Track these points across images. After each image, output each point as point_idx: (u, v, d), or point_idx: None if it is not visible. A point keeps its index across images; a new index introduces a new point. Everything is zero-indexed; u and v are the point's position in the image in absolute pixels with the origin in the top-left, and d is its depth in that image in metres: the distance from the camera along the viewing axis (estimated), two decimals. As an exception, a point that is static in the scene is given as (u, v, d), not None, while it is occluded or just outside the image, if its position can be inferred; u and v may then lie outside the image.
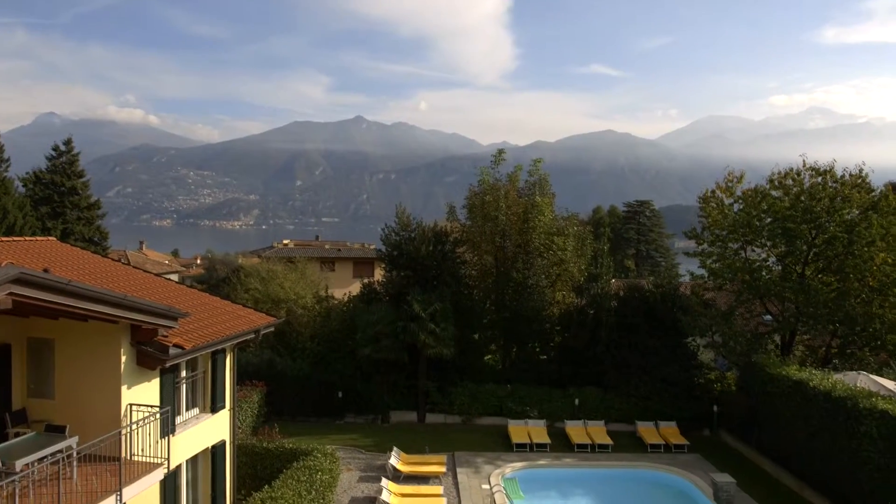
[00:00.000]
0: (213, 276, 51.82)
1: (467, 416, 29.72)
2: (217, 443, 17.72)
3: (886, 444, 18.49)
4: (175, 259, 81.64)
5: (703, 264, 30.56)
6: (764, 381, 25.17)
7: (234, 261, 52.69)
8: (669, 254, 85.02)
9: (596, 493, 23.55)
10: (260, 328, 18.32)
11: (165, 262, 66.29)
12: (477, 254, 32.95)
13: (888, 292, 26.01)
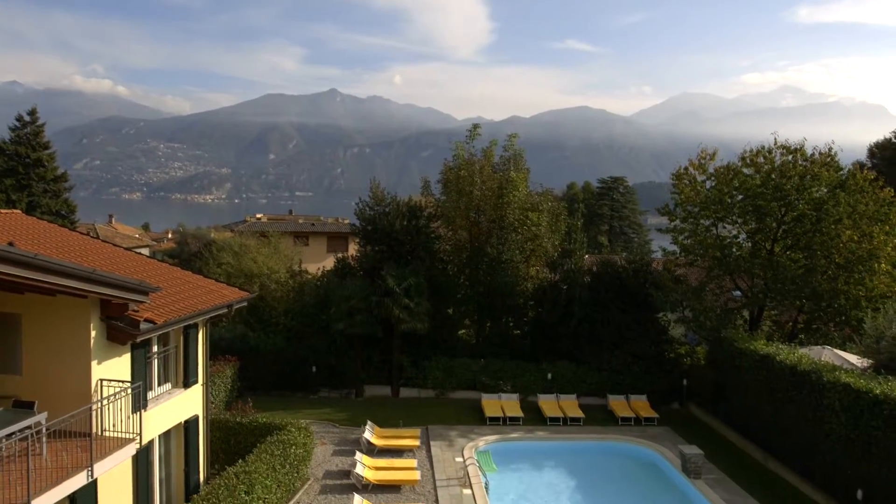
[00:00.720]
0: (184, 251, 51.22)
1: (441, 390, 29.92)
2: (190, 418, 17.63)
3: (848, 416, 19.01)
4: (145, 233, 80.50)
5: (676, 240, 30.94)
6: (732, 355, 25.67)
7: (207, 235, 52.14)
8: (642, 230, 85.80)
9: (567, 465, 23.95)
10: (233, 303, 18.16)
11: (136, 236, 65.33)
12: (451, 229, 32.93)
13: (853, 269, 26.58)
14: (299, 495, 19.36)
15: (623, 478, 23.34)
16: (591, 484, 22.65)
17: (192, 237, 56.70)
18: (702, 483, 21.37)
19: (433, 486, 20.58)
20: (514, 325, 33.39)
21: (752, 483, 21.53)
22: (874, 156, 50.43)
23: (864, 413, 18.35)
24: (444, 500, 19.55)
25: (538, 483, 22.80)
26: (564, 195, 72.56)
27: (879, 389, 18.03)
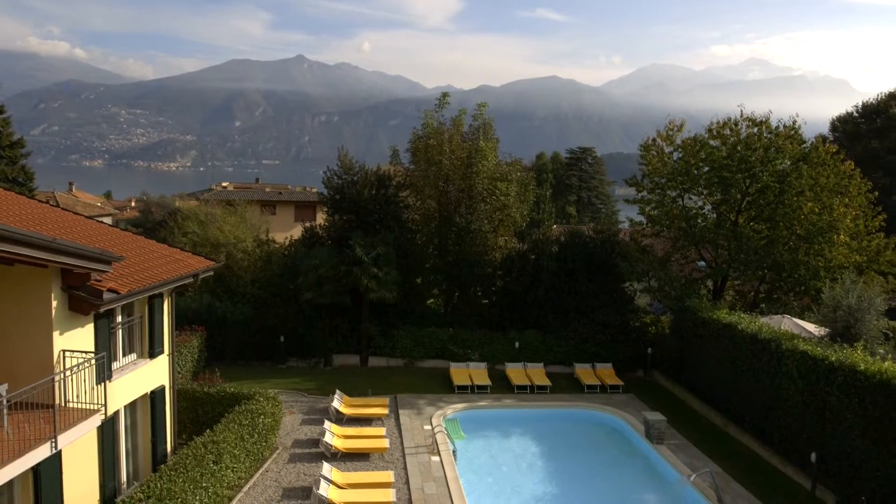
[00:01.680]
0: (148, 220, 50.31)
1: (410, 359, 30.08)
2: (156, 388, 17.48)
3: (805, 383, 19.60)
4: (108, 201, 78.80)
5: (642, 211, 31.26)
6: (696, 324, 26.20)
7: (171, 203, 51.23)
8: (610, 201, 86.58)
9: (534, 432, 24.35)
10: (199, 272, 17.92)
11: (97, 204, 63.89)
12: (420, 198, 32.81)
13: (813, 240, 27.19)
14: (268, 464, 19.41)
15: (588, 444, 23.83)
16: (557, 450, 23.08)
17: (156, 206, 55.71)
18: (664, 448, 21.93)
19: (402, 453, 20.78)
20: (483, 295, 33.58)
21: (713, 447, 22.15)
22: (836, 130, 51.42)
23: (820, 379, 18.94)
24: (412, 468, 19.77)
25: (506, 450, 23.17)
26: (533, 165, 72.71)
27: (835, 357, 18.59)
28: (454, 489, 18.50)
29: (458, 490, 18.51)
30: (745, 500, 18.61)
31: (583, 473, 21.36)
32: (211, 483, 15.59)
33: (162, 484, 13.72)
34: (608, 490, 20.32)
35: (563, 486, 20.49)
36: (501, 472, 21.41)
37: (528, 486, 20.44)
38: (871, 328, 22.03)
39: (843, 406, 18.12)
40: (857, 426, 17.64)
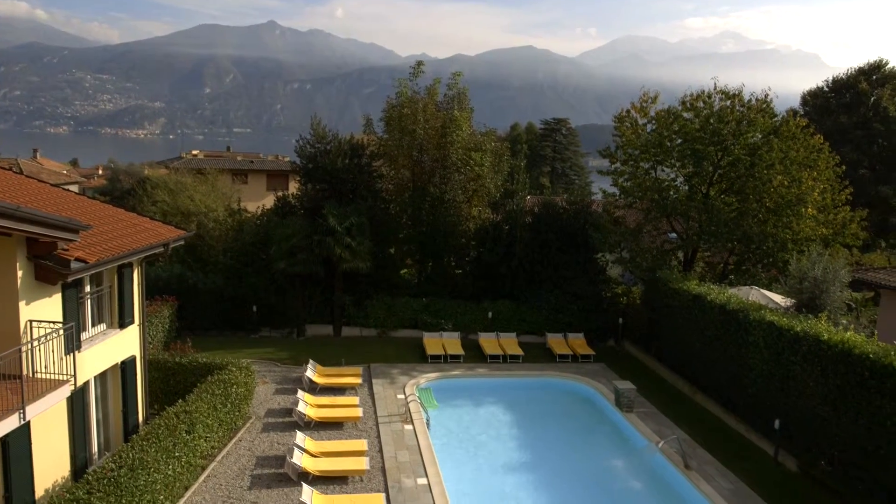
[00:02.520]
0: (116, 188, 49.34)
1: (383, 329, 30.14)
2: (127, 358, 17.32)
3: (770, 352, 20.06)
4: (74, 169, 77.09)
5: (615, 182, 31.42)
6: (666, 294, 26.57)
7: (140, 172, 50.25)
8: (583, 172, 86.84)
9: (507, 401, 24.66)
10: (169, 241, 17.67)
11: (63, 172, 62.43)
12: (394, 168, 32.60)
13: (782, 213, 27.60)
14: (241, 434, 19.42)
15: (560, 412, 24.21)
16: (529, 418, 23.41)
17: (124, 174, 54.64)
18: (633, 416, 22.37)
19: (375, 422, 20.93)
20: (456, 265, 33.66)
21: (680, 415, 22.65)
22: (806, 104, 51.97)
23: (785, 349, 19.39)
24: (385, 436, 19.93)
25: (478, 418, 23.45)
26: (508, 136, 72.60)
27: (800, 327, 19.02)
28: (427, 457, 18.71)
29: (432, 458, 18.73)
30: (710, 465, 19.10)
31: (554, 441, 21.72)
32: (184, 452, 15.57)
33: (134, 454, 13.67)
34: (579, 457, 20.72)
35: (535, 453, 20.84)
36: (474, 440, 21.68)
37: (501, 454, 20.76)
38: (835, 299, 22.54)
39: (806, 374, 18.60)
40: (819, 394, 18.13)
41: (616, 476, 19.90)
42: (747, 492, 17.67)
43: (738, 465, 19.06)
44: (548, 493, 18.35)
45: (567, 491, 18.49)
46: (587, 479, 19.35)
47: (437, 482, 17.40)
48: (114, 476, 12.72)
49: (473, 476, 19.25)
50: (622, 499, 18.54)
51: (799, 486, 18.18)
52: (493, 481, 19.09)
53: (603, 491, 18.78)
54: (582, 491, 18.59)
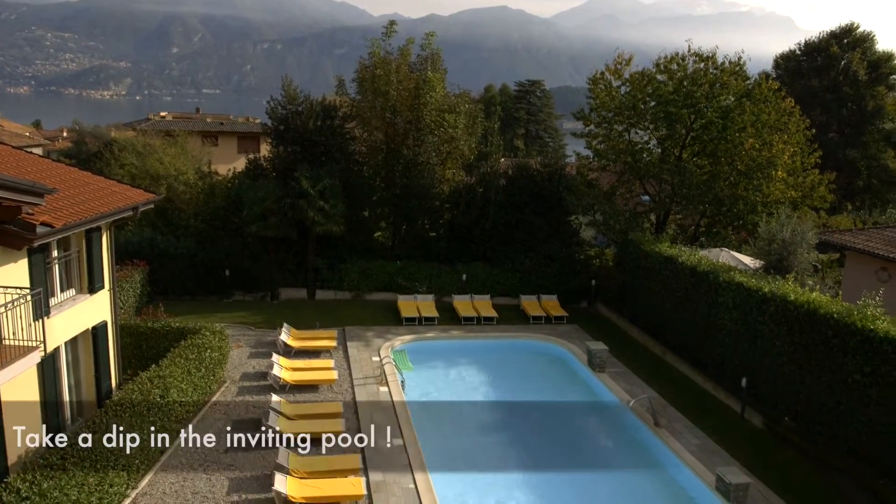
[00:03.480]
0: (82, 151, 48.05)
1: (357, 292, 30.13)
2: (98, 324, 17.12)
3: (739, 313, 20.48)
4: (37, 131, 74.89)
5: (589, 145, 31.48)
6: (638, 257, 26.88)
7: (106, 134, 48.96)
8: (558, 134, 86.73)
9: (481, 362, 24.93)
10: (138, 205, 17.37)
11: (26, 133, 60.73)
12: (367, 130, 32.22)
13: (752, 176, 27.94)
14: (216, 397, 19.43)
15: (533, 372, 24.56)
16: (502, 378, 23.72)
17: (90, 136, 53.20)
18: (605, 376, 22.79)
19: (350, 384, 21.06)
20: (430, 228, 33.61)
21: (651, 375, 23.11)
22: (779, 67, 52.20)
23: (753, 309, 19.80)
24: (361, 398, 20.08)
25: (453, 379, 23.71)
26: (482, 97, 72.00)
27: (768, 288, 19.41)
28: (402, 418, 18.92)
29: (407, 419, 18.94)
30: (679, 422, 19.60)
31: (528, 401, 22.02)
32: (158, 417, 15.54)
33: (108, 419, 13.61)
34: (552, 416, 21.06)
35: (509, 412, 21.14)
36: (449, 400, 21.92)
37: (476, 413, 21.03)
38: (802, 260, 23.02)
39: (773, 334, 19.05)
40: (785, 353, 18.61)
41: (588, 434, 20.33)
42: (714, 447, 18.20)
43: (705, 422, 19.57)
44: (520, 451, 18.70)
45: (540, 448, 18.86)
46: (561, 437, 19.74)
47: (412, 442, 17.64)
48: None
49: (448, 435, 19.51)
50: (594, 456, 18.98)
51: (763, 440, 18.76)
52: (467, 440, 19.39)
53: (576, 448, 19.20)
54: (555, 448, 18.97)
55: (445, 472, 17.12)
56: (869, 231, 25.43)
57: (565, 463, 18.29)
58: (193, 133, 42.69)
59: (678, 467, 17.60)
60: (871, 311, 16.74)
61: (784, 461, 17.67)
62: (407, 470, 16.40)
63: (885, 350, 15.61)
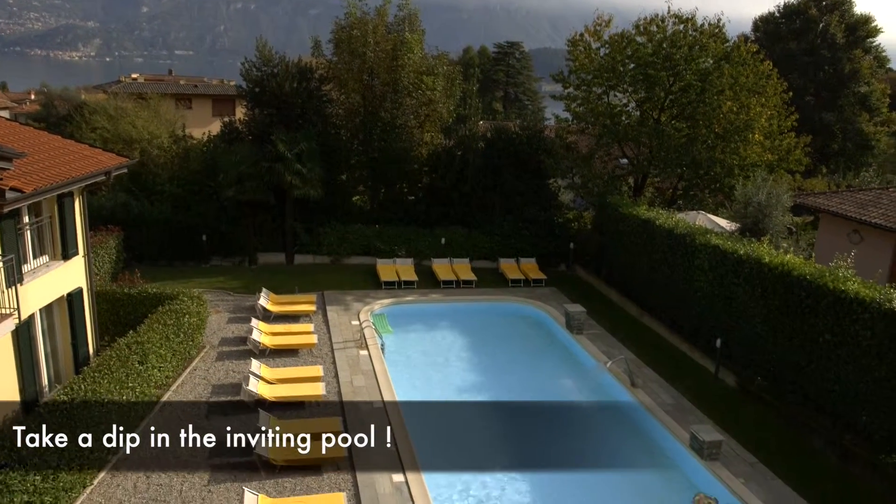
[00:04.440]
0: (51, 114, 46.90)
1: (336, 256, 30.05)
2: (73, 290, 16.93)
3: (714, 275, 20.75)
4: (3, 94, 72.96)
5: (568, 108, 31.36)
6: (616, 219, 27.03)
7: (76, 96, 47.80)
8: (536, 97, 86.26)
9: (460, 325, 25.09)
10: (111, 169, 17.05)
11: (-8, 95, 59.07)
12: (344, 92, 31.77)
13: (730, 139, 28.07)
14: (196, 363, 19.40)
15: (512, 335, 24.80)
16: (482, 341, 23.93)
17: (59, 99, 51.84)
18: (583, 338, 23.09)
19: (330, 348, 21.12)
20: (409, 191, 33.45)
21: (628, 336, 23.45)
22: (757, 29, 52.12)
23: (728, 272, 20.07)
24: (341, 362, 20.17)
25: (432, 342, 23.86)
26: (460, 59, 71.20)
27: (743, 251, 19.66)
28: (383, 381, 19.07)
29: (387, 382, 19.10)
30: (655, 382, 19.97)
31: (506, 362, 22.32)
32: (137, 383, 15.53)
33: (86, 385, 13.57)
34: (530, 377, 21.36)
35: (488, 374, 21.40)
36: (429, 363, 22.12)
37: (455, 376, 21.26)
38: (777, 223, 23.31)
39: (747, 296, 19.36)
40: (759, 314, 18.95)
41: (567, 394, 20.65)
42: (688, 406, 18.61)
43: (680, 382, 19.97)
44: (499, 413, 18.94)
45: (517, 409, 19.12)
46: (537, 397, 20.02)
47: (392, 404, 17.79)
48: (66, 408, 12.63)
49: (428, 397, 19.70)
50: (571, 416, 19.30)
51: (736, 399, 19.21)
52: (446, 402, 19.57)
53: (554, 408, 19.48)
54: (533, 410, 19.25)
55: (425, 432, 17.35)
56: (842, 194, 25.77)
57: (543, 423, 18.59)
58: (166, 96, 41.74)
59: (654, 426, 17.99)
60: (842, 273, 17.07)
61: (755, 419, 18.12)
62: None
63: (854, 310, 15.95)
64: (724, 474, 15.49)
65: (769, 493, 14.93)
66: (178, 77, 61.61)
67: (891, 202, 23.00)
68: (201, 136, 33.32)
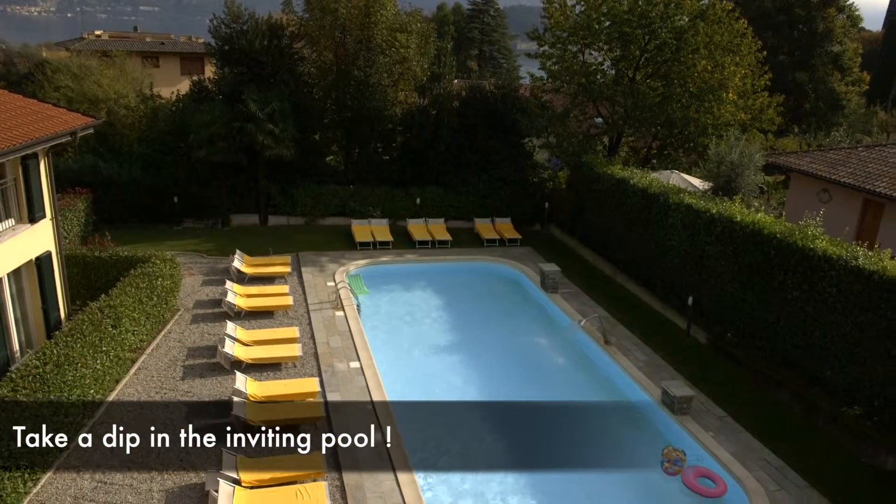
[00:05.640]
0: (11, 72, 45.32)
1: (310, 217, 29.82)
2: (42, 254, 16.61)
3: (687, 234, 20.98)
4: (-40, 50, 70.24)
5: (543, 66, 31.09)
6: (591, 179, 27.10)
7: (37, 54, 46.19)
8: (511, 55, 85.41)
9: (436, 285, 25.18)
10: (76, 130, 16.58)
11: (-53, 52, 56.84)
12: (316, 50, 31.14)
13: (704, 98, 28.08)
14: (170, 326, 19.28)
15: (487, 294, 24.97)
16: (457, 301, 24.06)
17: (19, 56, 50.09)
18: (558, 297, 23.33)
19: (306, 310, 21.10)
20: (383, 151, 33.13)
21: (602, 294, 23.75)
22: (733, -14, 51.81)
23: (701, 230, 20.31)
24: (317, 323, 20.18)
25: (408, 302, 23.95)
26: (434, 17, 70.10)
27: (715, 209, 19.88)
28: (359, 342, 19.14)
29: (363, 342, 19.18)
30: (628, 340, 20.32)
31: (482, 322, 22.51)
32: (111, 347, 15.41)
33: (59, 350, 13.42)
34: (506, 336, 21.60)
35: (464, 333, 21.58)
36: (405, 323, 22.24)
37: (431, 335, 21.42)
38: (749, 182, 23.55)
39: (719, 254, 19.65)
40: (729, 272, 19.27)
41: (541, 353, 20.95)
42: (660, 363, 19.00)
43: (653, 340, 20.34)
44: (475, 372, 19.19)
45: (494, 369, 19.38)
46: (514, 356, 20.29)
47: (369, 365, 17.92)
48: (39, 373, 12.52)
49: (404, 358, 19.88)
50: (546, 374, 19.60)
51: (707, 355, 19.64)
52: (423, 362, 19.79)
53: (528, 367, 19.78)
54: (508, 367, 19.52)
55: (403, 392, 17.53)
56: (813, 153, 26.08)
57: (518, 381, 18.87)
58: (132, 54, 40.62)
59: (626, 382, 18.35)
60: (811, 231, 17.38)
61: (725, 374, 18.57)
62: (364, 391, 16.71)
63: (822, 267, 16.29)
64: (694, 428, 15.91)
65: (737, 445, 15.39)
66: (143, 34, 59.83)
67: (859, 161, 23.36)
68: (170, 95, 32.51)
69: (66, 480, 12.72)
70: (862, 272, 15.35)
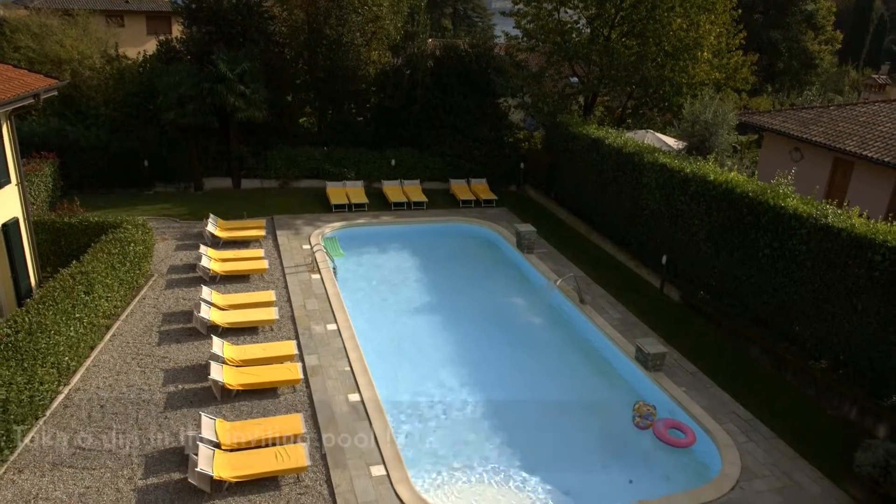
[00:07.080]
0: (-32, 32, 43.78)
1: (284, 179, 29.48)
2: (8, 221, 16.27)
3: (661, 193, 21.14)
4: (-85, 8, 67.49)
5: (518, 24, 30.71)
6: (566, 139, 27.08)
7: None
8: (486, 14, 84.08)
9: (412, 247, 25.18)
10: (39, 91, 16.11)
11: None
12: (286, 8, 30.36)
13: (679, 57, 28.01)
14: (144, 291, 19.09)
15: (464, 255, 25.05)
16: (434, 262, 24.12)
17: (-25, 14, 48.29)
18: (533, 257, 23.49)
19: (282, 273, 21.01)
20: (357, 112, 32.70)
21: (577, 254, 23.95)
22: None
23: (675, 190, 20.46)
24: (293, 286, 20.12)
25: (385, 264, 23.94)
26: (407, -27, 68.53)
27: (689, 169, 20.01)
28: (336, 304, 19.15)
29: (340, 305, 19.19)
30: (603, 299, 20.58)
31: (458, 283, 22.62)
32: (85, 313, 15.24)
33: (31, 318, 13.24)
34: (483, 296, 21.76)
35: (441, 294, 21.69)
36: (381, 285, 22.26)
37: (408, 297, 21.49)
38: (722, 142, 23.69)
39: (692, 213, 19.85)
40: (703, 231, 19.50)
41: (517, 312, 21.15)
42: (634, 320, 19.32)
43: (627, 298, 20.63)
44: (452, 332, 19.34)
45: (471, 328, 19.55)
46: (491, 316, 20.47)
47: (346, 327, 17.98)
48: (11, 341, 12.37)
49: (381, 319, 19.95)
50: (523, 333, 19.83)
51: (680, 312, 19.98)
52: (400, 322, 19.89)
53: (505, 326, 19.98)
54: (485, 327, 19.70)
55: (379, 353, 17.64)
56: (786, 112, 26.26)
57: (496, 340, 19.09)
58: (95, 12, 39.23)
59: (601, 340, 18.65)
60: (783, 190, 17.60)
61: (697, 331, 18.94)
62: (342, 353, 16.79)
63: (792, 226, 16.56)
64: (667, 383, 16.27)
65: (708, 399, 15.79)
66: (107, -9, 57.78)
67: (831, 120, 23.58)
68: (136, 55, 31.59)
69: (44, 448, 12.69)
70: (831, 230, 15.64)
